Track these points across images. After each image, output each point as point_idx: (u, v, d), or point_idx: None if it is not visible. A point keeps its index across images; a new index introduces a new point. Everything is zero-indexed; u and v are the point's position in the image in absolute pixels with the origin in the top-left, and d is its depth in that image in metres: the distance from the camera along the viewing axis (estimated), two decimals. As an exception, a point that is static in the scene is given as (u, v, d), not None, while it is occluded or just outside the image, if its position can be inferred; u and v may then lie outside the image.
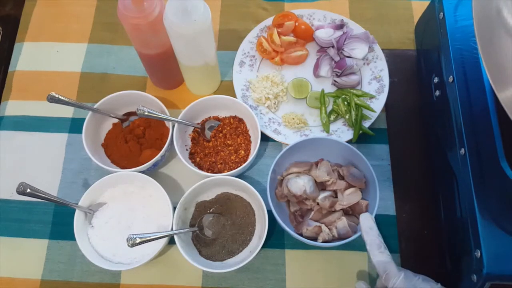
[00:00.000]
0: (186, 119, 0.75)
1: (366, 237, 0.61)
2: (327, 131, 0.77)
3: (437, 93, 0.70)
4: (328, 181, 0.70)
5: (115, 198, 0.71)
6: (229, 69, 0.84)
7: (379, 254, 0.59)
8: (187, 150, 0.77)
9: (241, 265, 0.64)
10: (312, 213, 0.70)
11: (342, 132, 0.77)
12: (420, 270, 0.59)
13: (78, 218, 0.67)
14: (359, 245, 0.70)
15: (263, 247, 0.67)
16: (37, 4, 0.91)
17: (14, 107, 0.82)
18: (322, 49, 0.84)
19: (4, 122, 0.81)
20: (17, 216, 0.74)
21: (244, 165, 0.71)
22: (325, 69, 0.82)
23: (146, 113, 0.69)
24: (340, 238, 0.66)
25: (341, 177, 0.71)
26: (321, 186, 0.72)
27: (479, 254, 0.55)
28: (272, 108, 0.80)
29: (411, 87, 0.82)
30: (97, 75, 0.85)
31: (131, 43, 0.85)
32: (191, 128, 0.78)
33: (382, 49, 0.82)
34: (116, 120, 0.78)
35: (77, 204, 0.68)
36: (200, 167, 0.74)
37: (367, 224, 0.62)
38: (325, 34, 0.83)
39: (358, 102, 0.77)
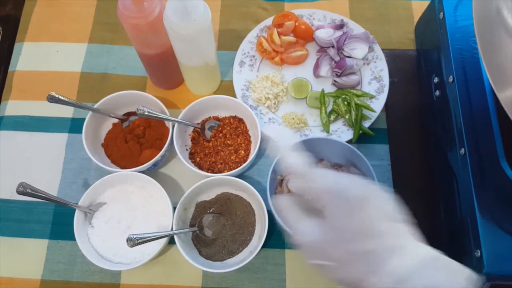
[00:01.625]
0: (186, 119, 0.75)
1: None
2: (327, 131, 0.77)
3: (437, 93, 0.70)
4: (328, 181, 0.70)
5: (115, 198, 0.71)
6: (229, 69, 0.84)
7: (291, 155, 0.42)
8: (187, 150, 0.77)
9: (241, 265, 0.64)
10: (312, 213, 0.70)
11: (342, 132, 0.77)
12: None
13: (78, 218, 0.67)
14: (359, 245, 0.70)
15: (263, 247, 0.66)
16: (37, 4, 0.91)
17: (14, 107, 0.82)
18: (322, 49, 0.84)
19: (4, 122, 0.81)
20: (17, 216, 0.74)
21: (244, 165, 0.71)
22: (325, 69, 0.82)
23: (146, 113, 0.69)
24: (340, 238, 0.66)
25: (341, 177, 0.71)
26: (321, 186, 0.71)
27: (479, 254, 0.55)
28: (272, 108, 0.80)
29: (411, 87, 0.82)
30: (97, 75, 0.85)
31: (131, 43, 0.85)
32: (191, 128, 0.78)
33: (382, 49, 0.82)
34: (116, 120, 0.78)
35: (77, 204, 0.68)
36: (200, 167, 0.74)
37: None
38: (325, 34, 0.83)
39: (358, 102, 0.77)
